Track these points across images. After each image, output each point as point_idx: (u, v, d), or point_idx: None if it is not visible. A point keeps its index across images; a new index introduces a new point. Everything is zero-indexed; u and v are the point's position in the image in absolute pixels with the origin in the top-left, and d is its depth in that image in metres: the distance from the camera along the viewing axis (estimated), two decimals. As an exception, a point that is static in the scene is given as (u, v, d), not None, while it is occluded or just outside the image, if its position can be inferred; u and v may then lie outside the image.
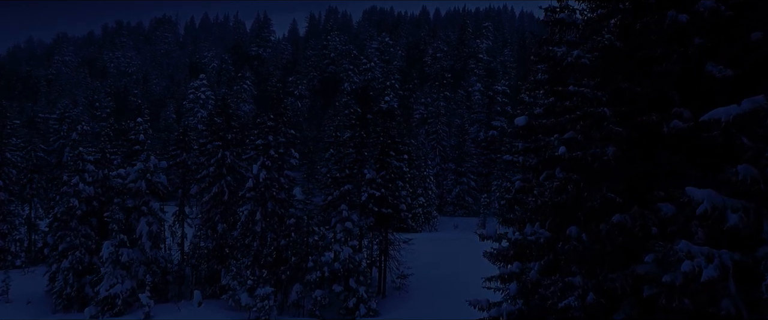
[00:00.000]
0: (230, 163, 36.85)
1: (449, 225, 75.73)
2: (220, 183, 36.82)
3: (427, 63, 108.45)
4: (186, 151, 41.99)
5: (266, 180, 34.24)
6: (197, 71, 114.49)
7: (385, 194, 34.56)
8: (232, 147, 37.68)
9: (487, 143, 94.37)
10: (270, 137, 34.69)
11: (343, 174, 34.57)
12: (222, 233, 36.44)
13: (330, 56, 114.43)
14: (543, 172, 14.72)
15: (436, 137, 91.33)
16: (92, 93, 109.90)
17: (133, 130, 41.64)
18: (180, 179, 41.87)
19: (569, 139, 13.40)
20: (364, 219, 35.04)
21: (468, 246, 55.82)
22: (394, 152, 35.50)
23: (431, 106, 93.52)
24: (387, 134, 35.83)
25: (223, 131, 37.00)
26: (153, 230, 35.62)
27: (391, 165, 35.26)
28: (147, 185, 36.15)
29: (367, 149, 35.57)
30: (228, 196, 36.54)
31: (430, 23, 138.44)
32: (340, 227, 33.65)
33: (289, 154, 35.20)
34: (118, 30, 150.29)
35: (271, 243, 34.01)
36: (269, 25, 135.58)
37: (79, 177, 35.35)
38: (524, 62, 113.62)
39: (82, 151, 35.70)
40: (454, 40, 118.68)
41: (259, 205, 34.31)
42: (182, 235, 41.42)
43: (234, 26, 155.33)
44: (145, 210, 35.79)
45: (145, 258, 35.01)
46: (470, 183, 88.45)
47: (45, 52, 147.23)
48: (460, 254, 47.84)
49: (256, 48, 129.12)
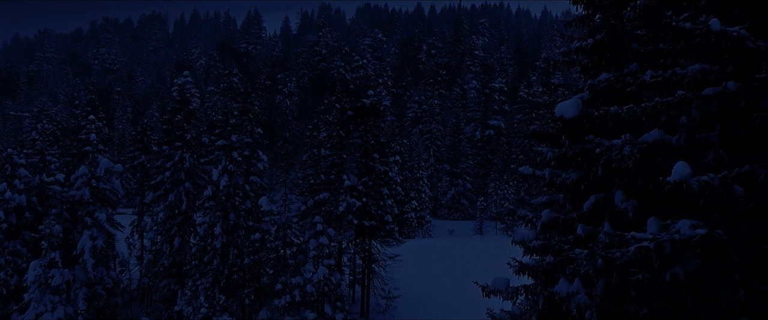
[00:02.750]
0: (189, 167, 31.12)
1: (444, 230, 70.25)
2: (177, 190, 31.11)
3: (421, 60, 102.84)
4: (145, 152, 36.30)
5: (228, 187, 28.57)
6: (183, 68, 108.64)
7: (368, 203, 28.92)
8: (194, 148, 31.96)
9: (483, 143, 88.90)
10: (234, 137, 29.00)
11: (319, 181, 28.91)
12: (179, 248, 30.74)
13: (321, 53, 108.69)
14: (590, 196, 8.96)
15: (430, 137, 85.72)
16: (73, 90, 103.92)
17: (83, 129, 35.85)
18: (138, 184, 36.19)
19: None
20: (342, 233, 29.40)
21: (465, 254, 50.46)
22: (378, 154, 29.85)
23: (425, 104, 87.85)
24: (371, 133, 30.19)
25: (182, 130, 31.25)
26: (98, 245, 29.86)
27: (375, 170, 29.62)
28: (92, 193, 30.39)
29: (347, 151, 29.91)
30: (186, 205, 30.84)
31: (424, 20, 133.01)
32: (313, 243, 27.99)
33: (256, 157, 29.52)
34: (105, 26, 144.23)
35: (233, 261, 28.34)
36: (260, 21, 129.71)
37: (8, 183, 29.55)
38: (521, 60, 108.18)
39: (12, 152, 29.88)
40: (449, 36, 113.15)
41: (220, 217, 28.63)
42: (141, 248, 35.74)
43: (224, 23, 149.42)
44: (88, 221, 30.03)
45: (87, 278, 29.28)
46: (466, 185, 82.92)
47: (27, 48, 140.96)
48: (456, 263, 42.22)
49: (246, 44, 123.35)
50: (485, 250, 47.28)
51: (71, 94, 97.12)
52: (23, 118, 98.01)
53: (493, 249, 47.75)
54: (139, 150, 35.99)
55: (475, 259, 43.16)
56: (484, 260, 41.20)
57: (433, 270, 39.85)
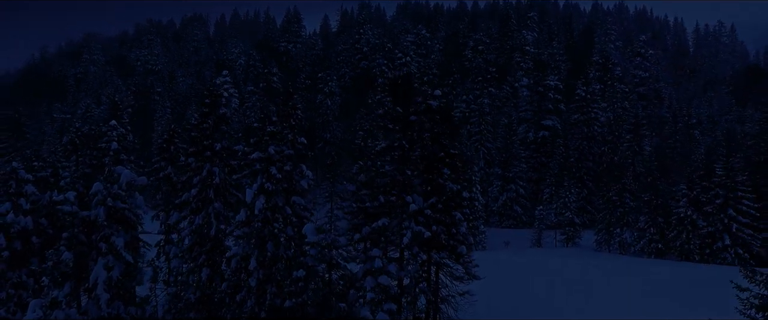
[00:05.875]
0: (219, 184, 25.42)
1: (498, 241, 63.07)
2: (206, 210, 25.48)
3: (467, 57, 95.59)
4: (172, 162, 30.93)
5: (265, 210, 22.75)
6: (223, 68, 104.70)
7: (438, 232, 22.56)
8: (225, 160, 26.26)
9: (537, 145, 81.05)
10: (272, 148, 23.15)
11: (377, 204, 22.70)
12: (207, 280, 25.12)
13: (362, 51, 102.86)
14: None
15: (480, 138, 78.47)
16: (115, 91, 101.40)
17: (105, 136, 30.72)
18: (164, 200, 30.86)
19: None
20: (406, 268, 23.16)
21: (537, 273, 41.52)
22: (450, 170, 23.42)
23: (473, 104, 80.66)
24: (439, 143, 23.79)
25: (211, 138, 25.55)
26: (113, 277, 24.46)
27: (446, 189, 23.22)
28: (107, 213, 25.04)
29: (410, 165, 23.60)
30: (216, 229, 25.17)
31: (468, 15, 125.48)
32: (370, 282, 21.85)
33: (300, 173, 23.60)
34: (148, 28, 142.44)
35: (271, 301, 22.52)
36: (299, 19, 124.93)
37: (12, 203, 24.51)
38: (574, 56, 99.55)
39: (17, 166, 24.83)
40: (495, 32, 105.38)
41: (256, 247, 22.85)
42: (168, 272, 30.39)
43: (264, 22, 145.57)
44: (103, 248, 24.68)
45: (101, 317, 23.96)
46: (519, 190, 75.36)
47: (74, 50, 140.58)
48: (527, 285, 34.67)
49: (285, 43, 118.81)
50: (559, 269, 39.86)
51: (113, 96, 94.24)
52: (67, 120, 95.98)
53: (569, 268, 40.30)
54: (165, 160, 30.65)
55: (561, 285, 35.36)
56: (573, 287, 33.79)
57: (507, 295, 31.52)
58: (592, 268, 40.16)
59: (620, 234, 54.03)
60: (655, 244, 49.77)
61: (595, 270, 39.33)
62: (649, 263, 44.62)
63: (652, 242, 49.90)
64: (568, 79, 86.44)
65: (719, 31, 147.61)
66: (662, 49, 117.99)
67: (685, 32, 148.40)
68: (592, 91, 77.03)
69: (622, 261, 45.14)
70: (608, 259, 46.92)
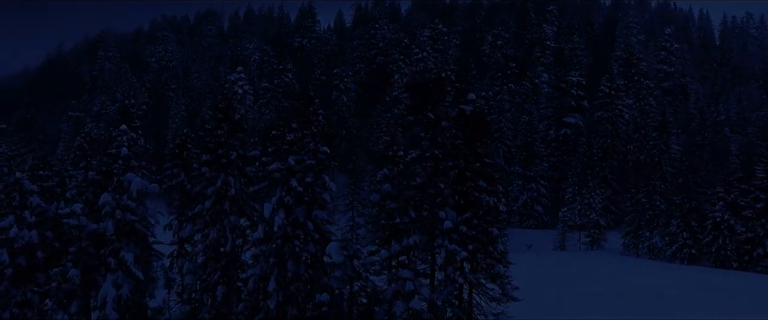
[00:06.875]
0: (235, 196, 23.48)
1: (520, 243, 60.48)
2: (220, 223, 23.59)
3: (485, 52, 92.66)
4: (185, 169, 29.02)
5: (285, 226, 20.75)
6: (238, 64, 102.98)
7: (475, 251, 20.38)
8: (241, 169, 24.31)
9: (559, 143, 78.19)
10: (291, 159, 21.12)
11: (406, 220, 20.56)
12: (223, 299, 23.25)
13: (378, 46, 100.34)
14: None
15: (500, 135, 75.81)
16: (130, 88, 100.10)
17: (114, 142, 28.87)
18: (177, 208, 28.99)
19: None
20: (439, 290, 21.04)
21: (571, 277, 37.93)
22: (486, 182, 21.19)
23: (493, 100, 77.95)
24: (473, 152, 21.55)
25: (225, 146, 23.57)
26: (123, 295, 22.78)
27: (482, 203, 21.00)
28: (116, 226, 23.29)
29: (441, 177, 21.41)
30: (231, 244, 23.26)
31: (485, 9, 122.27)
32: (400, 306, 19.79)
33: (322, 185, 21.54)
34: (163, 24, 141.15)
35: (292, 325, 20.59)
36: (313, 15, 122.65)
37: (15, 216, 22.81)
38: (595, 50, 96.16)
39: (20, 176, 23.11)
40: (514, 26, 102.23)
41: (275, 266, 20.88)
42: (182, 286, 28.57)
43: (278, 17, 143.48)
44: (112, 264, 22.97)
45: (109, 337, 22.25)
46: (540, 189, 72.70)
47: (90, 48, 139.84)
48: (564, 293, 31.47)
49: (300, 39, 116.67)
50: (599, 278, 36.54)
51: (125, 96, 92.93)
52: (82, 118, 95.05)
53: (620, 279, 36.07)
54: (178, 166, 28.75)
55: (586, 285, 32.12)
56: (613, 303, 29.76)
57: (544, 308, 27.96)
58: (652, 279, 36.15)
59: (650, 237, 51.35)
60: (688, 249, 47.08)
61: (664, 284, 34.29)
62: (709, 272, 41.18)
63: (685, 247, 47.21)
64: (589, 75, 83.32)
65: (747, 23, 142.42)
66: (687, 42, 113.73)
67: (711, 25, 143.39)
68: (616, 86, 73.96)
69: (674, 270, 41.53)
70: (654, 267, 43.48)
